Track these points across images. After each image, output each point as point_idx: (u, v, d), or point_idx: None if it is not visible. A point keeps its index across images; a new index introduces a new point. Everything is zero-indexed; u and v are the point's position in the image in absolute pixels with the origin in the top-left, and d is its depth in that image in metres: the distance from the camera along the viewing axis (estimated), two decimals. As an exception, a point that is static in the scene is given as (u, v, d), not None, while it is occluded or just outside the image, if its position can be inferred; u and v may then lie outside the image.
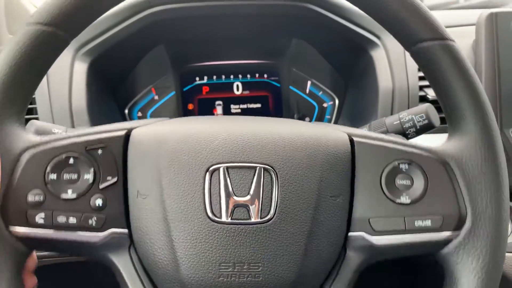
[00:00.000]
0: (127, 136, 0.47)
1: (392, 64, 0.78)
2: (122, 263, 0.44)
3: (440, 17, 0.87)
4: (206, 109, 0.96)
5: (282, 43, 0.94)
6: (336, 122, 0.96)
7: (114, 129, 0.47)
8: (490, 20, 0.73)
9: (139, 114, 0.94)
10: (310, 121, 0.98)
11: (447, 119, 0.48)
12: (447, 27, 0.84)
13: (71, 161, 0.44)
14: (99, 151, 0.45)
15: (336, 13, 0.77)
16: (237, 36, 0.92)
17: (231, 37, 0.92)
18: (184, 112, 0.95)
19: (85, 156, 0.44)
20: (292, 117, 0.97)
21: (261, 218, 0.42)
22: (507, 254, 0.65)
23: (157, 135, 0.46)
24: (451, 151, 0.46)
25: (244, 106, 0.97)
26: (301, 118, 0.97)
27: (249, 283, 0.42)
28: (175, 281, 0.42)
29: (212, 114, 0.96)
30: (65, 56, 0.74)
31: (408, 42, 0.46)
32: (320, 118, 0.97)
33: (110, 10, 0.48)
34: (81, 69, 0.74)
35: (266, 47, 0.95)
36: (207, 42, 0.93)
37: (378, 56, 0.79)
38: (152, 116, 0.94)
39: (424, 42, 0.45)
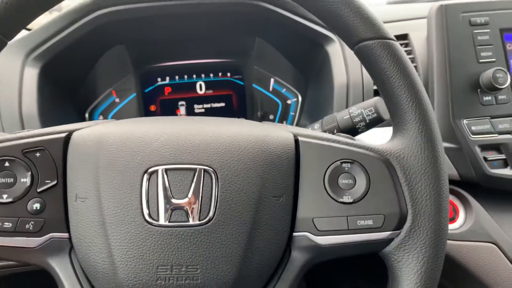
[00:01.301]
0: (67, 138, 0.46)
1: (347, 58, 0.78)
2: (62, 267, 0.44)
3: (394, 12, 0.89)
4: (169, 110, 0.95)
5: (243, 41, 0.94)
6: (299, 119, 0.96)
7: (54, 132, 0.46)
8: (440, 12, 0.74)
9: (100, 117, 0.92)
10: (274, 118, 0.98)
11: (391, 116, 0.49)
12: (401, 20, 0.87)
13: (7, 164, 0.43)
14: (37, 154, 0.44)
15: (290, 11, 0.77)
16: (198, 35, 0.91)
17: (192, 36, 0.91)
18: (146, 114, 0.94)
19: (22, 160, 0.44)
20: (256, 115, 0.97)
21: (199, 220, 0.42)
22: (456, 242, 0.67)
23: (96, 136, 0.46)
24: (393, 149, 0.46)
25: (208, 105, 0.96)
26: (265, 115, 0.97)
27: (187, 286, 0.41)
28: (114, 285, 0.42)
29: (175, 115, 0.95)
30: (15, 62, 0.73)
31: (351, 41, 0.47)
32: (284, 115, 0.97)
33: (59, 14, 0.47)
34: (31, 74, 0.73)
35: (228, 46, 0.95)
36: (167, 42, 0.92)
37: (334, 51, 0.79)
38: (113, 119, 0.93)
39: (366, 41, 0.45)
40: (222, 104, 0.97)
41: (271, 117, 0.98)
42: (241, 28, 0.89)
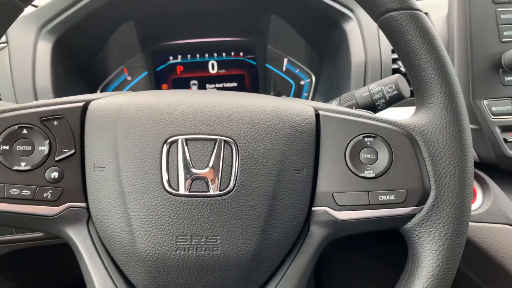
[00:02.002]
0: (84, 108, 0.45)
1: (365, 36, 0.76)
2: (80, 237, 0.44)
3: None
4: (180, 88, 0.94)
5: (257, 20, 0.92)
6: (313, 99, 0.95)
7: (71, 101, 0.45)
8: (462, -10, 0.71)
9: (112, 95, 0.92)
10: (287, 99, 0.96)
11: (414, 91, 0.47)
12: (421, -1, 0.84)
13: (25, 132, 0.43)
14: (55, 122, 0.44)
15: (307, -14, 0.76)
16: (211, 12, 0.89)
17: (205, 14, 0.90)
18: (158, 93, 0.93)
19: (40, 128, 0.43)
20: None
21: (220, 190, 0.41)
22: (473, 223, 0.66)
23: (115, 106, 0.45)
24: (416, 124, 0.45)
25: (220, 85, 0.95)
26: (278, 95, 0.96)
27: (207, 256, 0.41)
28: (132, 255, 0.41)
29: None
30: (28, 35, 0.72)
31: (376, 12, 0.45)
32: (298, 96, 0.96)
33: None
34: (45, 48, 0.72)
35: (242, 24, 0.93)
36: (180, 18, 0.90)
37: (351, 29, 0.77)
38: None
39: (391, 12, 0.44)
40: (235, 84, 0.96)
41: (284, 97, 0.96)
42: (256, 5, 0.88)
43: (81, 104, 0.45)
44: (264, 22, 0.92)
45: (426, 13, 0.80)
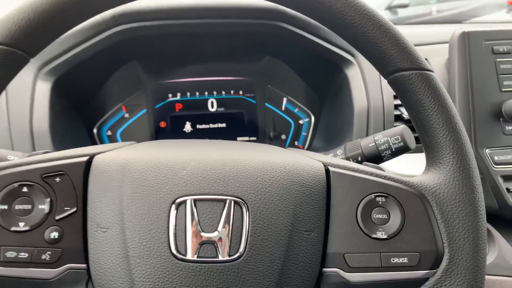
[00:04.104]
0: (88, 163, 0.44)
1: (367, 82, 0.77)
2: None
3: (413, 35, 0.88)
4: (178, 126, 0.93)
5: (257, 60, 0.92)
6: (312, 139, 0.94)
7: (74, 155, 0.44)
8: (462, 39, 0.73)
9: (109, 133, 0.90)
10: (286, 138, 0.96)
11: (424, 149, 0.47)
12: (420, 45, 0.86)
13: (25, 189, 0.41)
14: (57, 179, 0.42)
15: (310, 32, 0.76)
16: (212, 52, 0.90)
17: (205, 54, 0.90)
18: (156, 130, 0.92)
19: (41, 185, 0.41)
20: (268, 135, 0.95)
21: (229, 256, 0.40)
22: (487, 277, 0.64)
23: (120, 162, 0.43)
24: (428, 184, 0.44)
25: (219, 123, 0.94)
26: (277, 135, 0.96)
27: None
28: None
29: (185, 132, 0.93)
30: (26, 75, 0.71)
31: (386, 70, 0.45)
32: (296, 135, 0.96)
33: (74, 28, 0.46)
34: (43, 88, 0.71)
35: (241, 64, 0.93)
36: (181, 58, 0.90)
37: (353, 74, 0.78)
38: (122, 135, 0.91)
39: (402, 72, 0.44)
40: (234, 123, 0.95)
41: (283, 137, 0.96)
42: (252, 47, 0.88)
43: (84, 159, 0.44)
44: (263, 63, 0.92)
45: (425, 59, 0.82)
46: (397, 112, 0.76)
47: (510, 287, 0.65)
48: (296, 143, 0.96)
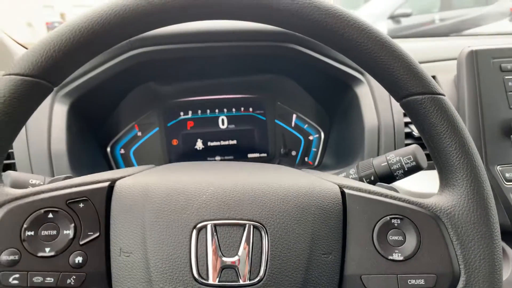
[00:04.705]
0: (110, 188, 0.45)
1: (377, 100, 0.78)
2: None
3: (420, 51, 0.89)
4: (190, 144, 0.94)
5: (266, 78, 0.94)
6: (322, 156, 0.95)
7: (96, 181, 0.45)
8: (470, 57, 0.74)
9: (122, 151, 0.92)
10: (297, 154, 0.97)
11: (438, 170, 0.48)
12: (428, 62, 0.87)
13: (50, 215, 0.42)
14: (81, 205, 0.43)
15: (319, 52, 0.78)
16: (223, 71, 0.91)
17: (216, 73, 0.92)
18: (168, 148, 0.93)
19: (66, 211, 0.43)
20: (278, 151, 0.97)
21: (250, 280, 0.41)
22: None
23: (141, 187, 0.44)
24: (443, 205, 0.45)
25: (230, 140, 0.96)
26: (288, 152, 0.97)
27: None
28: None
29: (196, 149, 0.95)
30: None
31: (399, 95, 0.46)
32: (307, 151, 0.97)
33: None
34: (61, 111, 0.72)
35: (251, 82, 0.95)
36: (193, 78, 0.92)
37: (363, 92, 0.79)
38: (135, 153, 0.92)
39: (415, 96, 0.45)
40: (244, 139, 0.96)
41: (294, 153, 0.97)
42: (266, 66, 0.90)
43: (106, 184, 0.45)
44: (273, 81, 0.94)
45: (434, 76, 0.83)
46: (407, 130, 0.77)
47: (524, 304, 0.65)
48: (306, 159, 0.97)
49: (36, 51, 0.42)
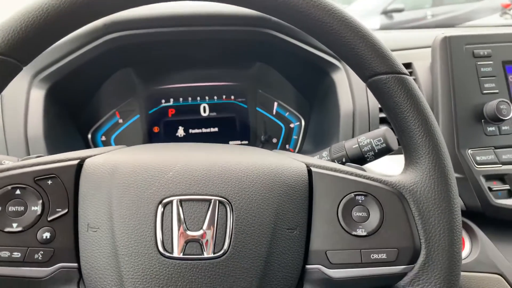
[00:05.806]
0: (79, 166, 0.45)
1: (353, 86, 0.79)
2: None
3: (399, 39, 0.90)
4: (171, 131, 0.95)
5: (248, 66, 0.95)
6: (302, 143, 0.96)
7: (66, 159, 0.45)
8: (444, 44, 0.75)
9: (103, 138, 0.92)
10: (277, 142, 0.98)
11: (403, 149, 0.49)
12: (406, 49, 0.88)
13: (18, 192, 0.43)
14: (49, 182, 0.44)
15: (296, 38, 0.78)
16: (204, 59, 0.92)
17: (197, 60, 0.92)
18: (149, 135, 0.94)
19: (34, 187, 0.43)
20: (259, 138, 0.97)
21: (214, 253, 0.42)
22: (463, 273, 0.66)
23: (110, 165, 0.45)
24: (406, 183, 0.47)
25: (211, 128, 0.96)
26: (268, 139, 0.98)
27: None
28: None
29: (178, 136, 0.95)
30: (21, 83, 0.72)
31: (364, 74, 0.47)
32: (287, 139, 0.98)
33: (67, 36, 0.48)
34: (38, 96, 0.72)
35: (233, 70, 0.95)
36: (173, 64, 0.92)
37: (339, 78, 0.80)
38: (116, 140, 0.92)
39: (380, 76, 0.46)
40: (225, 127, 0.97)
41: (274, 140, 0.98)
42: (247, 53, 0.90)
43: (75, 162, 0.46)
44: (254, 69, 0.94)
45: (410, 63, 0.85)
46: (382, 115, 0.78)
47: (493, 283, 0.67)
48: (287, 146, 0.98)
49: (3, 29, 0.42)
